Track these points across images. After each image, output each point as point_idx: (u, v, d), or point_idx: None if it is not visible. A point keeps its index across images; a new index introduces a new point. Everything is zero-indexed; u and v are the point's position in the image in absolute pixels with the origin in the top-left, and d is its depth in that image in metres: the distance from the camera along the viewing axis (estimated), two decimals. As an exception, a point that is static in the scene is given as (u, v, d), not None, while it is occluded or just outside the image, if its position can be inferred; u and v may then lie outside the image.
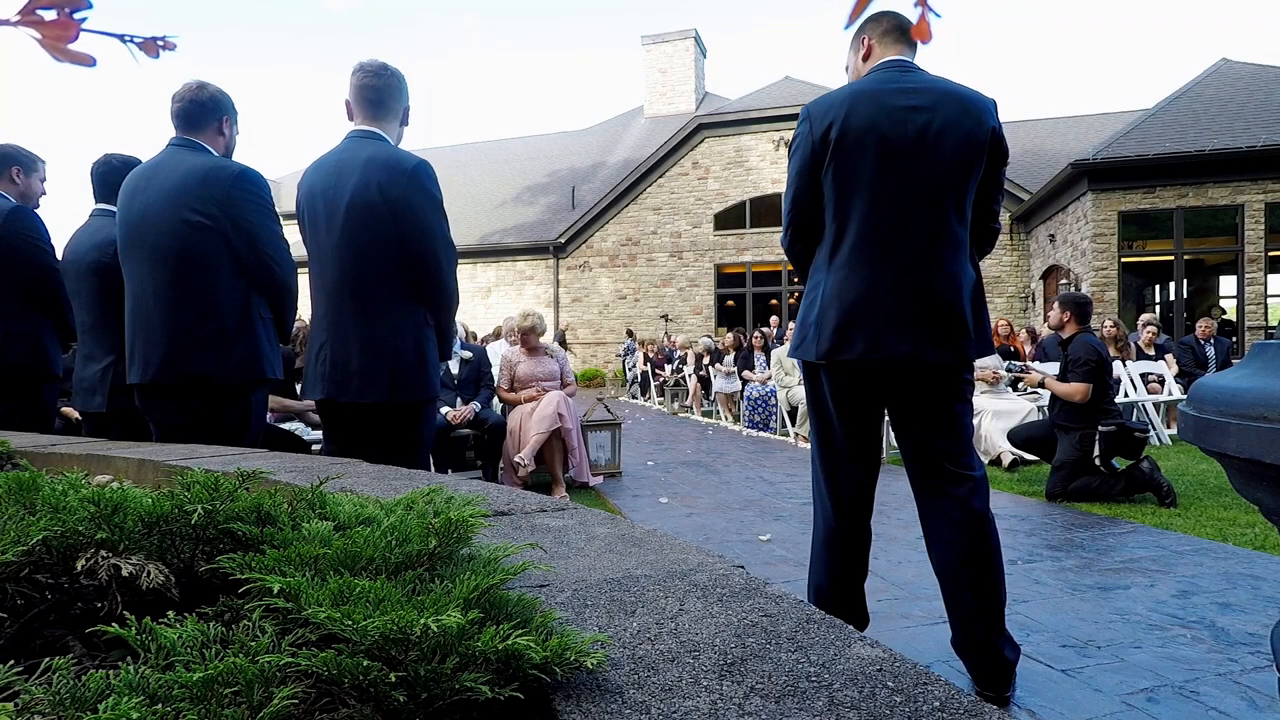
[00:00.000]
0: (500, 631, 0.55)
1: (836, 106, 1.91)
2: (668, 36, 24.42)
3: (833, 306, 1.91)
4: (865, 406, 2.00)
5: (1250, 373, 1.06)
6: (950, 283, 1.89)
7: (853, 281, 1.89)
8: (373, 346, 2.19)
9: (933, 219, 1.88)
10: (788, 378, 8.26)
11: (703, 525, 4.15)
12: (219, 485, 0.83)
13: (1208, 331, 8.78)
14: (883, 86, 1.91)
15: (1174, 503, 4.31)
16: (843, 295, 1.90)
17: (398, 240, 2.19)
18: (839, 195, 1.92)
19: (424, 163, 2.25)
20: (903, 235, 1.87)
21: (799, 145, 1.98)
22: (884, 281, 1.87)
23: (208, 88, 2.37)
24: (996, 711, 0.53)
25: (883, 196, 1.87)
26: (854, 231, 1.90)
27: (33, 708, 0.47)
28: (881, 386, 1.97)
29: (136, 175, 2.35)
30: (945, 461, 1.97)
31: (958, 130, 1.86)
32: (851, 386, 1.97)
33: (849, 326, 1.89)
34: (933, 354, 1.87)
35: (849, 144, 1.88)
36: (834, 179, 1.92)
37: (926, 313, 1.87)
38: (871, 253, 1.89)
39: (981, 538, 1.94)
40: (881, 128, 1.86)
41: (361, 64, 2.30)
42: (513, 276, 20.37)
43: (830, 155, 1.90)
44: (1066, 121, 20.11)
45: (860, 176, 1.88)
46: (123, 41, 0.58)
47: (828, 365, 1.95)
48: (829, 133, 1.89)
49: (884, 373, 1.94)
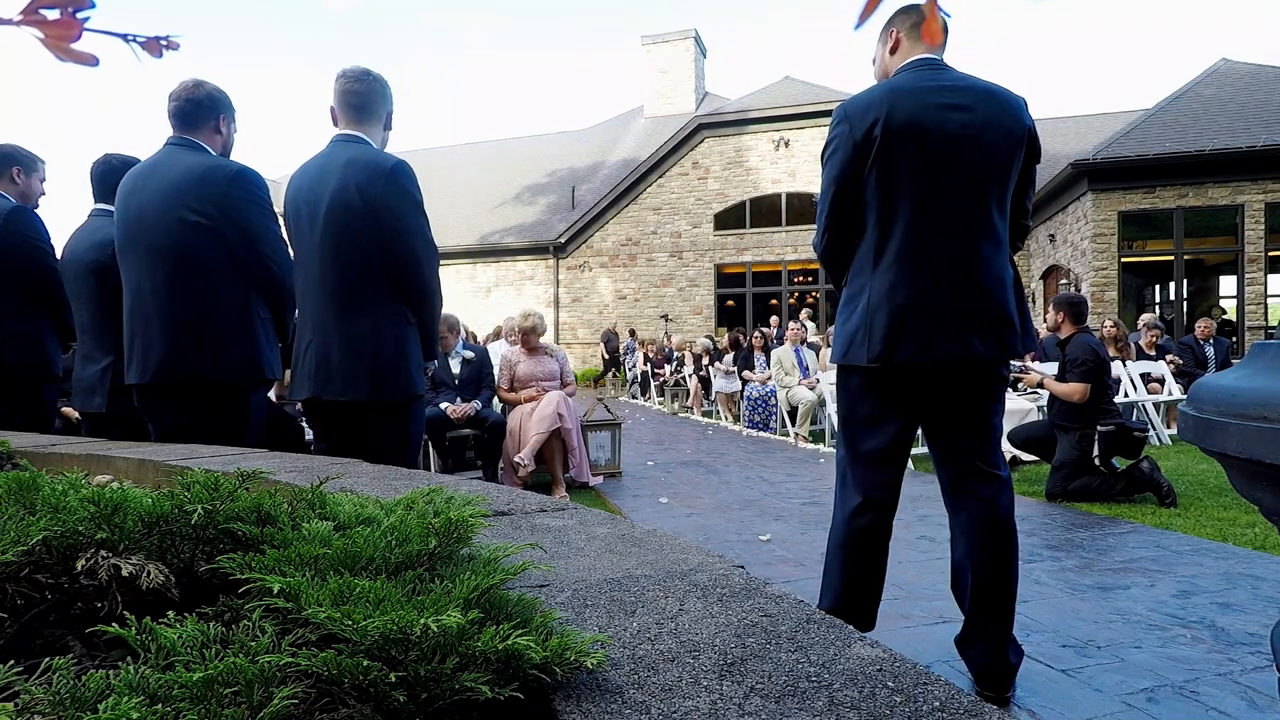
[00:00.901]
0: (500, 631, 0.55)
1: (877, 104, 1.87)
2: (668, 37, 24.42)
3: (882, 309, 1.88)
4: (906, 407, 1.98)
5: (1250, 373, 1.06)
6: (996, 280, 1.88)
7: (902, 283, 1.86)
8: (353, 345, 2.21)
9: (978, 217, 1.87)
10: (788, 378, 8.26)
11: (703, 525, 4.15)
12: (219, 485, 0.83)
13: (1207, 331, 8.79)
14: (920, 84, 1.88)
15: (1174, 503, 4.31)
16: (893, 297, 1.87)
17: (377, 240, 2.21)
18: (883, 195, 1.89)
19: (402, 163, 2.27)
20: (950, 234, 1.86)
21: (837, 146, 1.94)
22: (934, 281, 1.85)
23: (204, 86, 2.36)
24: (996, 711, 0.53)
25: (929, 195, 1.85)
26: (900, 231, 1.87)
27: (33, 708, 0.47)
28: (926, 386, 1.95)
29: (134, 175, 2.34)
30: (975, 460, 1.96)
31: (998, 128, 1.85)
32: (897, 388, 1.95)
33: (901, 329, 1.86)
34: (983, 351, 1.86)
35: (893, 141, 1.84)
36: (878, 178, 1.88)
37: (977, 310, 1.86)
38: (920, 253, 1.86)
39: (1004, 538, 1.94)
40: (925, 125, 1.83)
41: (344, 70, 2.35)
42: (513, 276, 20.37)
43: (875, 154, 1.86)
44: (1066, 121, 20.11)
45: (906, 175, 1.85)
46: (125, 41, 0.58)
47: (879, 367, 1.92)
48: (873, 130, 1.85)
49: (932, 373, 1.92)
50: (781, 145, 18.31)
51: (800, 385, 8.11)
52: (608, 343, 16.81)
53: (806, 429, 7.79)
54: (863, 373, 1.97)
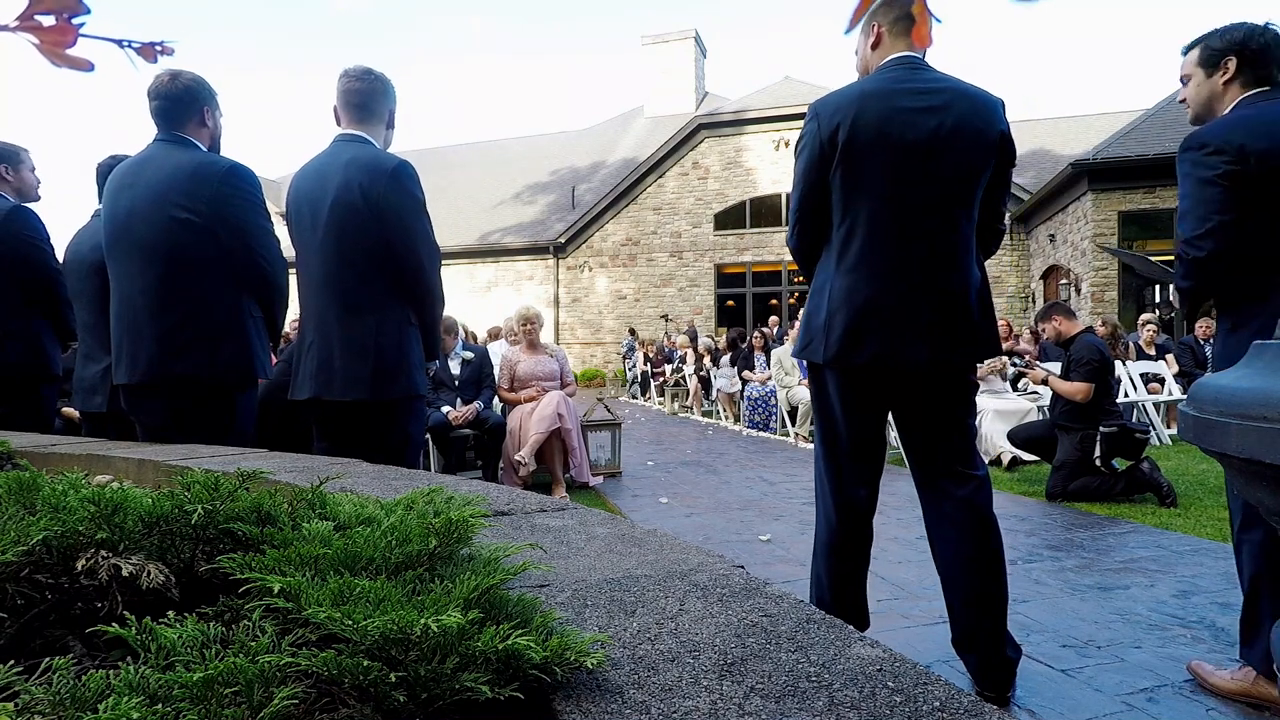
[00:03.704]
0: (500, 631, 0.55)
1: (845, 107, 1.88)
2: (668, 37, 24.42)
3: (841, 310, 1.89)
4: (872, 408, 1.99)
5: (1250, 373, 1.06)
6: (960, 284, 1.88)
7: (862, 285, 1.88)
8: (354, 345, 2.21)
9: (942, 221, 1.87)
10: (788, 378, 8.26)
11: (703, 525, 4.15)
12: (219, 485, 0.83)
13: (1208, 331, 8.78)
14: (892, 86, 1.88)
15: (1174, 503, 4.31)
16: (852, 298, 1.88)
17: (379, 240, 2.21)
18: (847, 196, 1.90)
19: (405, 163, 2.26)
20: (912, 238, 1.86)
21: (806, 143, 1.95)
22: (894, 285, 1.86)
23: (181, 77, 2.29)
24: (996, 711, 0.53)
25: (892, 198, 1.86)
26: (862, 233, 1.88)
27: (33, 708, 0.47)
28: (889, 389, 1.96)
29: (122, 171, 2.30)
30: (949, 462, 1.97)
31: (968, 131, 1.84)
32: (859, 389, 1.96)
33: (859, 331, 1.87)
34: (944, 356, 1.86)
35: (858, 146, 1.85)
36: (842, 180, 1.89)
37: (937, 316, 1.86)
38: (881, 255, 1.87)
39: (985, 538, 1.94)
40: (892, 130, 1.83)
41: (347, 69, 2.33)
42: (512, 276, 20.37)
43: (839, 156, 1.87)
44: (1066, 121, 20.11)
45: (869, 179, 1.86)
46: (121, 47, 0.58)
47: (836, 368, 1.94)
48: (837, 133, 1.87)
49: (893, 375, 1.93)
50: (781, 145, 18.31)
51: (800, 385, 8.11)
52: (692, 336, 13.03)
53: (806, 429, 7.78)
54: (828, 371, 1.98)
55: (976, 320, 1.90)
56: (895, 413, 2.04)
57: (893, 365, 1.87)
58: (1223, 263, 1.84)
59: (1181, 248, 1.90)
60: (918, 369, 1.89)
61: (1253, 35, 1.92)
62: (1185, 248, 1.88)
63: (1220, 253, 1.83)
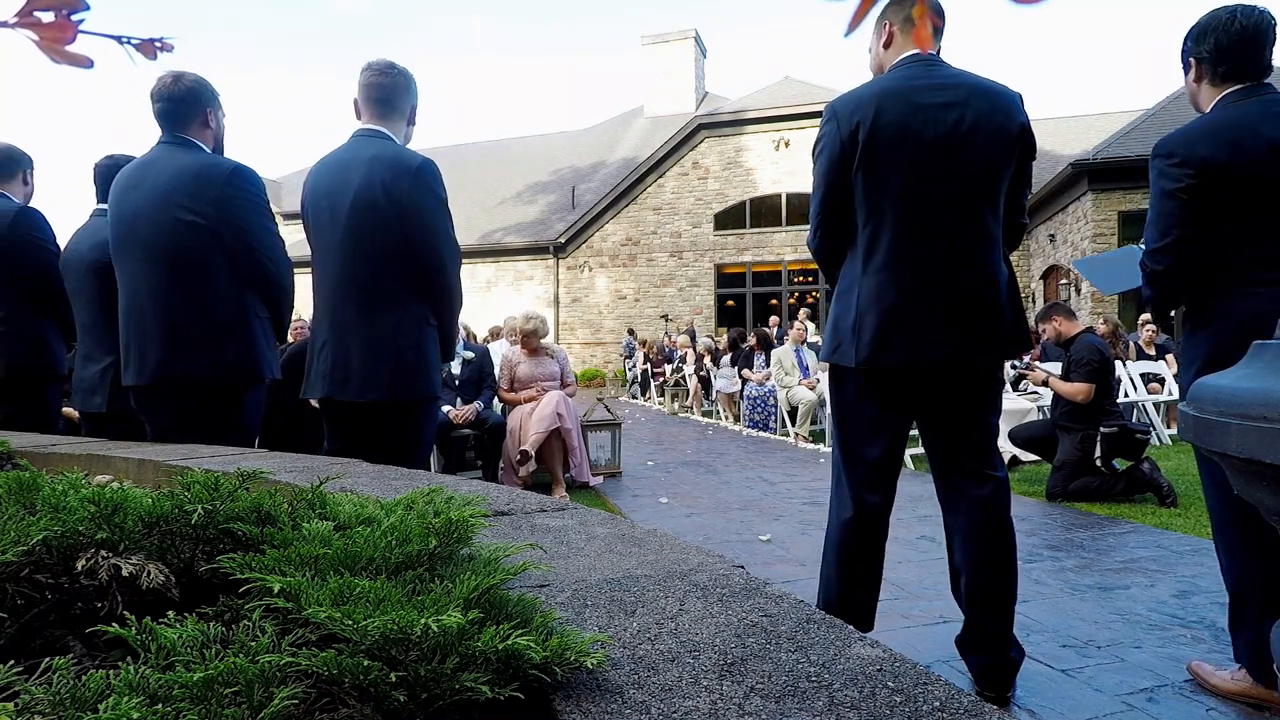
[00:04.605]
0: (500, 631, 0.55)
1: (864, 105, 1.86)
2: (668, 37, 24.42)
3: (871, 311, 1.87)
4: (896, 409, 1.97)
5: (1250, 373, 1.06)
6: (989, 281, 1.87)
7: (890, 285, 1.86)
8: (373, 345, 2.18)
9: (968, 217, 1.85)
10: (788, 378, 8.26)
11: (703, 525, 4.15)
12: (219, 485, 0.83)
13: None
14: (910, 84, 1.86)
15: (1174, 503, 4.31)
16: (881, 299, 1.86)
17: (401, 239, 2.18)
18: (870, 197, 1.87)
19: (429, 162, 2.24)
20: (939, 236, 1.84)
21: (825, 144, 1.93)
22: (922, 284, 1.84)
23: (183, 79, 2.29)
24: (996, 711, 0.53)
25: (916, 197, 1.84)
26: (888, 234, 1.86)
27: (33, 708, 0.47)
28: (917, 388, 1.94)
29: (128, 173, 2.31)
30: (968, 460, 1.96)
31: (989, 126, 1.82)
32: (886, 390, 1.94)
33: (888, 332, 1.85)
34: (962, 354, 1.85)
35: (879, 144, 1.83)
36: (864, 180, 1.87)
37: (967, 313, 1.84)
38: (908, 255, 1.85)
39: (1001, 538, 1.94)
40: (912, 126, 1.81)
41: (370, 63, 2.29)
42: (512, 276, 20.37)
43: (860, 155, 1.85)
44: (1066, 121, 20.11)
45: (892, 177, 1.84)
46: (120, 43, 0.58)
47: (867, 370, 1.91)
48: (857, 132, 1.84)
49: (921, 375, 1.91)
50: (781, 145, 18.31)
51: (800, 385, 8.11)
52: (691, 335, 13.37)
53: (806, 429, 7.79)
54: (854, 373, 1.96)
55: (1008, 319, 1.88)
56: (920, 412, 2.01)
57: (914, 363, 1.85)
58: (1182, 278, 1.88)
59: (1144, 258, 1.93)
60: (936, 366, 1.87)
61: (1212, 30, 1.89)
62: (1147, 259, 1.92)
63: (1177, 269, 1.86)
